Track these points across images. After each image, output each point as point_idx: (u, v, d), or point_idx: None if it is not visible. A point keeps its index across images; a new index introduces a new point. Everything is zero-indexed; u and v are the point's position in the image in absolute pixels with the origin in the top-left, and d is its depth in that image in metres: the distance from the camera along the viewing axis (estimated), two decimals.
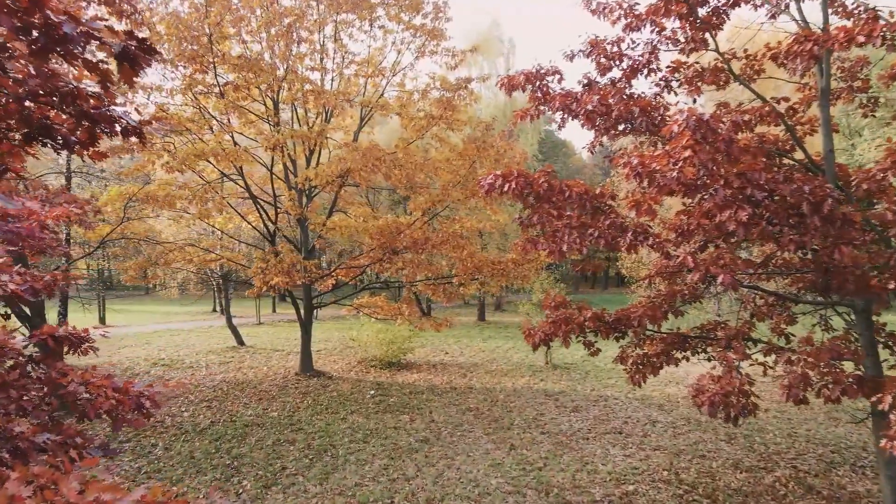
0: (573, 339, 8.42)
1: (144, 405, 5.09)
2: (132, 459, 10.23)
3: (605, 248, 7.28)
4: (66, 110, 3.51)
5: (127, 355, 20.20)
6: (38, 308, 12.64)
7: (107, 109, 3.60)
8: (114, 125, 3.68)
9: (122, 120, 3.69)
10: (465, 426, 12.38)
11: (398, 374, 17.55)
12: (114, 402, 4.93)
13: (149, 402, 5.13)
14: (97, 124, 3.53)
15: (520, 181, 7.36)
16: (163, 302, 41.49)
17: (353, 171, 13.33)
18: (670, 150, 5.56)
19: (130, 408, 5.03)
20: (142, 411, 5.09)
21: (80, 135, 3.98)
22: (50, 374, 4.97)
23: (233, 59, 12.80)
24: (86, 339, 5.55)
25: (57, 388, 4.91)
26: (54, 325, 5.26)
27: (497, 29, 31.51)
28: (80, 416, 4.85)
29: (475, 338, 25.26)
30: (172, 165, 12.18)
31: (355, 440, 11.36)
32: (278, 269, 13.55)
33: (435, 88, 16.09)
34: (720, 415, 6.94)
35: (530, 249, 7.60)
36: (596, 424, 12.51)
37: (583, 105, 7.39)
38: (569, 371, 17.99)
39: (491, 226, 18.29)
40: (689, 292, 8.79)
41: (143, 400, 5.11)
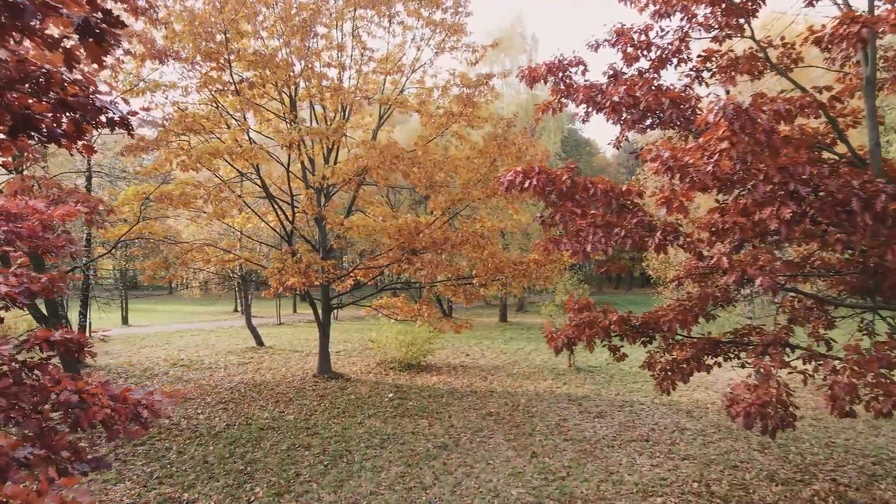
0: (598, 344, 8.02)
1: (142, 415, 4.81)
2: (144, 463, 10.04)
3: (632, 248, 6.87)
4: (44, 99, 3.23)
5: (147, 355, 20.18)
6: (54, 308, 12.56)
7: (87, 98, 3.31)
8: (98, 115, 3.40)
9: (107, 109, 3.40)
10: (485, 432, 12.00)
11: (417, 376, 17.23)
12: (109, 411, 4.66)
13: (147, 411, 4.86)
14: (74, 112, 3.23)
15: (541, 178, 6.98)
16: (186, 302, 41.77)
17: (370, 170, 13.03)
18: (704, 142, 5.14)
19: (127, 417, 4.76)
20: (139, 421, 4.82)
21: (67, 126, 3.71)
22: (42, 382, 4.71)
23: (248, 55, 12.58)
24: (83, 343, 5.30)
25: (48, 396, 4.66)
26: (74, 325, 5.08)
27: (520, 25, 31.04)
28: (73, 426, 4.59)
29: (496, 339, 24.84)
30: (187, 164, 12.00)
31: (372, 445, 11.05)
32: (295, 269, 13.31)
33: (455, 85, 15.75)
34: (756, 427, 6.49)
35: (553, 250, 7.21)
36: (621, 431, 12.04)
37: (608, 97, 6.98)
38: (593, 374, 17.50)
39: (512, 225, 17.88)
40: (721, 295, 8.32)
41: (141, 409, 4.84)
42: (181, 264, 15.62)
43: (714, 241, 6.38)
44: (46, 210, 6.28)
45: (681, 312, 7.34)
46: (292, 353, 21.04)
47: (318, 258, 14.78)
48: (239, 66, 13.02)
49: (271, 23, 13.51)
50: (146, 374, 17.03)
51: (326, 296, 16.77)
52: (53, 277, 5.44)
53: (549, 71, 7.74)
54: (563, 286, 20.20)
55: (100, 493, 8.81)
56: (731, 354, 8.54)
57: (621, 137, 9.05)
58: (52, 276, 5.47)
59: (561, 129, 34.03)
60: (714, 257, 5.87)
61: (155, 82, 12.77)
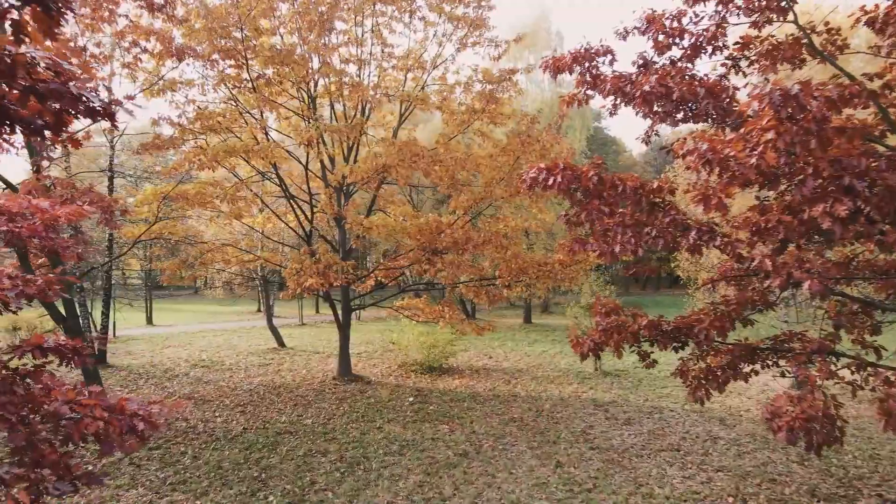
0: (626, 349, 7.58)
1: (137, 427, 4.51)
2: (159, 468, 9.83)
3: (664, 249, 6.42)
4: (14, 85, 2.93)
5: (169, 356, 20.15)
6: (73, 310, 12.46)
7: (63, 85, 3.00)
8: (75, 104, 3.09)
9: (85, 98, 3.09)
10: (507, 439, 11.58)
11: (439, 379, 16.86)
12: (102, 423, 4.37)
13: (143, 423, 4.56)
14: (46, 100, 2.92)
15: (566, 175, 6.56)
16: (210, 301, 42.03)
17: (389, 168, 12.70)
18: (747, 132, 4.67)
19: (122, 430, 4.46)
20: (135, 433, 4.52)
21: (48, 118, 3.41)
22: (32, 392, 4.43)
23: (265, 51, 12.32)
24: (80, 350, 5.03)
25: (40, 406, 4.39)
26: (97, 327, 4.79)
27: (545, 21, 30.50)
28: (64, 439, 4.30)
29: (520, 341, 24.35)
30: (204, 163, 11.81)
31: (390, 452, 10.72)
32: (313, 270, 13.03)
33: (477, 81, 15.34)
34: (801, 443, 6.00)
35: (578, 250, 6.80)
36: (650, 440, 11.52)
37: (638, 87, 6.51)
38: (620, 379, 16.95)
39: (537, 225, 17.39)
40: (759, 299, 7.78)
41: (137, 421, 4.54)
42: (200, 264, 15.49)
43: (755, 241, 5.88)
44: (51, 210, 6.05)
45: (717, 318, 6.85)
46: (313, 354, 20.83)
47: (338, 259, 14.49)
48: (256, 61, 12.78)
49: (288, 17, 13.24)
50: (167, 376, 16.94)
51: (347, 297, 16.50)
52: (49, 280, 5.19)
53: (575, 60, 7.30)
54: (588, 287, 19.64)
55: (112, 499, 8.60)
56: (769, 362, 8.03)
57: (651, 132, 8.57)
58: (48, 278, 5.21)
59: (587, 127, 33.35)
60: (756, 259, 5.39)
61: (172, 80, 12.58)
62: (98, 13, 11.84)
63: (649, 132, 8.62)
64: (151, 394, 14.74)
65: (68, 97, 2.99)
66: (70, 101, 3.03)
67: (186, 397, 14.42)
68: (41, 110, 3.32)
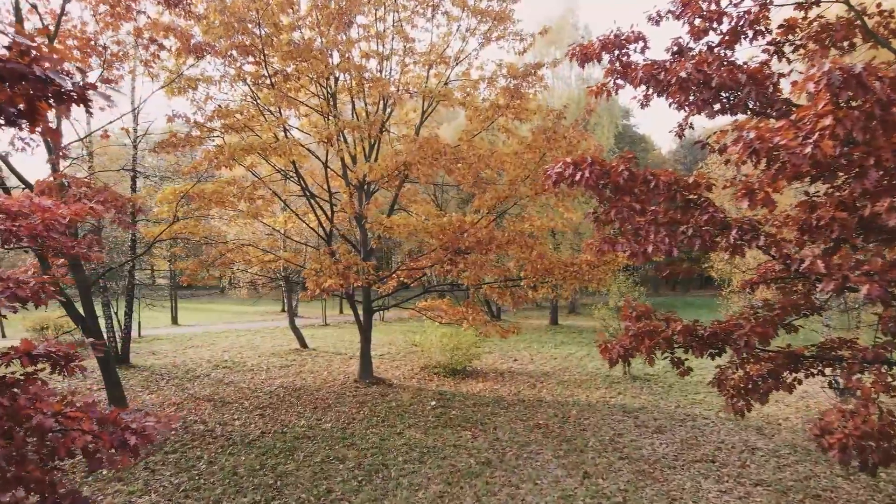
0: (658, 356, 7.09)
1: (129, 442, 4.19)
2: (173, 474, 9.60)
3: (701, 249, 5.92)
4: None
5: (191, 356, 20.08)
6: (91, 309, 12.35)
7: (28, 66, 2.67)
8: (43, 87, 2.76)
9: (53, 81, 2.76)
10: (532, 446, 11.12)
11: (462, 382, 16.45)
12: (90, 438, 4.06)
13: (135, 437, 4.23)
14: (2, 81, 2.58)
15: (594, 170, 6.13)
16: (236, 301, 42.18)
17: (410, 165, 12.32)
18: (799, 118, 4.17)
19: (112, 444, 4.15)
20: (125, 448, 4.20)
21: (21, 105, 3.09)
22: (19, 402, 4.13)
23: (283, 46, 12.04)
24: (72, 356, 4.74)
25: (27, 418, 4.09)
26: (121, 327, 4.49)
27: (572, 15, 29.83)
28: (49, 455, 4.00)
29: (546, 343, 23.79)
30: (221, 161, 11.58)
31: (410, 459, 10.34)
32: (332, 270, 12.72)
33: (502, 76, 14.87)
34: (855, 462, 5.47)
35: (607, 250, 6.34)
36: (683, 449, 10.96)
37: (673, 74, 6.02)
38: (650, 383, 16.33)
39: (563, 224, 16.85)
40: (804, 303, 7.22)
41: (129, 436, 4.21)
42: (220, 265, 15.31)
43: (803, 240, 5.36)
44: (54, 208, 5.80)
45: (759, 323, 6.31)
46: (335, 355, 20.58)
47: (359, 259, 14.18)
48: (274, 56, 12.51)
49: (307, 11, 12.95)
50: (188, 376, 16.81)
51: (368, 298, 16.18)
52: (42, 282, 4.91)
53: (604, 48, 6.83)
54: (617, 288, 19.04)
55: None
56: (813, 370, 7.47)
57: (685, 124, 8.07)
58: (41, 279, 4.94)
59: (615, 124, 32.59)
60: (805, 260, 4.88)
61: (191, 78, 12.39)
62: (116, 9, 11.71)
63: (683, 125, 8.12)
64: (172, 395, 14.60)
65: (31, 79, 2.67)
66: (35, 84, 2.71)
67: (206, 399, 14.24)
68: (12, 97, 3.00)
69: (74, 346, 4.74)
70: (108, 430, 4.19)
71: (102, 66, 12.45)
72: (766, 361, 7.32)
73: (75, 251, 6.52)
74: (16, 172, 11.00)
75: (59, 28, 11.96)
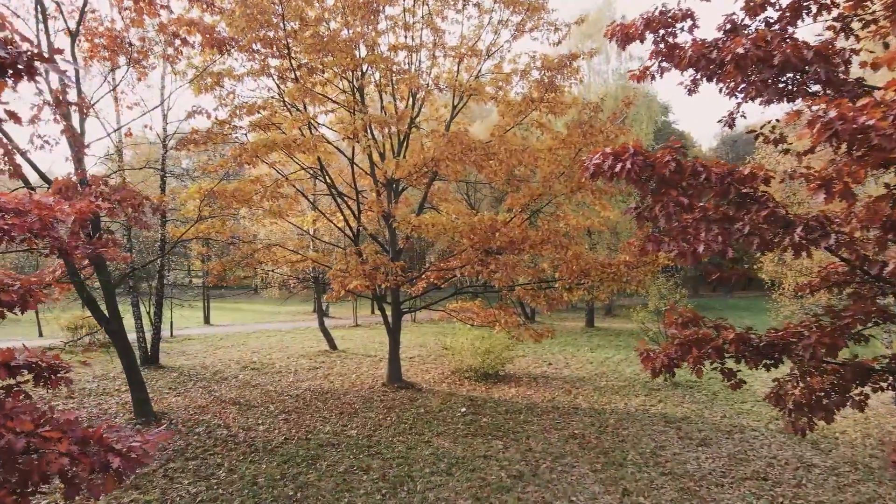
0: (706, 367, 6.43)
1: (111, 464, 3.73)
2: (192, 482, 9.25)
3: (759, 249, 5.26)
4: None
5: (221, 357, 19.94)
6: (115, 310, 12.15)
7: None
8: None
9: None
10: (567, 458, 10.47)
11: (494, 387, 15.84)
12: (68, 460, 3.62)
13: (119, 459, 3.77)
14: None
15: (637, 161, 5.52)
16: (268, 301, 42.26)
17: (438, 161, 11.79)
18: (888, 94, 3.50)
19: (92, 468, 3.70)
20: (108, 471, 3.75)
21: None
22: None
23: (306, 38, 11.62)
24: (59, 367, 4.33)
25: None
26: (153, 326, 4.13)
27: (609, 8, 28.89)
28: (20, 481, 3.57)
29: (582, 347, 22.98)
30: (243, 158, 11.24)
31: (438, 471, 9.79)
32: (358, 271, 12.27)
33: (535, 68, 14.22)
34: None
35: (652, 249, 5.70)
36: (732, 465, 10.17)
37: (728, 51, 5.34)
38: (692, 390, 15.47)
39: (599, 223, 16.11)
40: (875, 310, 6.44)
41: (112, 457, 3.76)
42: (246, 265, 15.03)
43: (886, 240, 4.64)
44: (56, 206, 5.44)
45: (827, 333, 5.60)
46: (364, 357, 20.20)
47: (387, 259, 13.71)
48: (298, 48, 12.11)
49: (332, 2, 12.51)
50: (216, 378, 16.61)
51: (397, 299, 15.70)
52: (29, 285, 4.52)
53: (648, 26, 6.18)
54: (657, 290, 18.18)
55: None
56: (882, 384, 6.72)
57: (736, 112, 7.38)
58: (28, 281, 4.55)
59: (654, 120, 31.48)
60: (890, 264, 4.18)
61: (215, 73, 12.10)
62: (139, 4, 11.47)
63: (733, 113, 7.44)
64: (198, 397, 14.36)
65: None
66: None
67: (232, 402, 13.96)
68: None
69: (59, 357, 4.31)
70: (89, 451, 3.74)
71: (128, 63, 12.26)
72: (830, 374, 6.58)
73: (81, 251, 6.16)
74: (37, 169, 10.84)
75: (83, 24, 11.81)
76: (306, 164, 14.33)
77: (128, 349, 12.33)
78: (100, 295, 12.59)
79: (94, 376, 16.42)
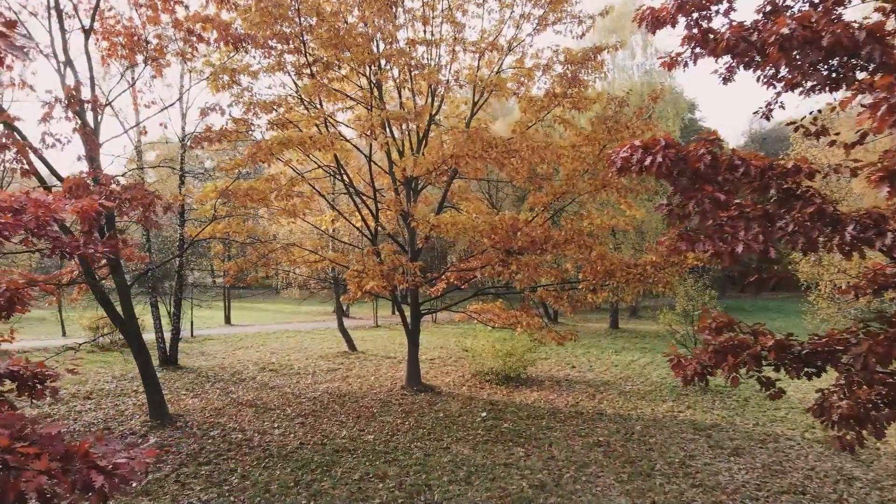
0: (743, 375, 5.98)
1: (94, 483, 3.43)
2: (203, 489, 9.00)
3: (804, 249, 4.83)
4: None
5: (240, 358, 19.82)
6: (130, 311, 12.00)
7: None
8: None
9: None
10: (592, 467, 10.03)
11: (516, 391, 15.42)
12: (45, 479, 3.32)
13: (103, 478, 3.47)
14: None
15: (669, 153, 5.16)
16: (289, 301, 42.22)
17: (457, 158, 11.42)
18: None
19: (73, 487, 3.40)
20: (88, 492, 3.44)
21: None
22: None
23: (323, 34, 11.33)
24: (45, 375, 4.05)
25: None
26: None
27: (633, 2, 28.19)
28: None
29: (606, 349, 22.41)
30: (258, 156, 11.00)
31: (456, 479, 9.42)
32: (376, 272, 11.95)
33: (558, 62, 13.78)
34: None
35: (685, 249, 5.29)
36: (766, 477, 9.63)
37: (771, 33, 4.88)
38: (722, 396, 14.88)
39: (625, 222, 15.58)
40: None
41: (95, 475, 3.45)
42: (262, 265, 14.82)
43: None
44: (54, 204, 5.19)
45: (880, 342, 5.12)
46: (384, 359, 19.91)
47: (405, 260, 13.38)
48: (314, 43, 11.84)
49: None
50: (234, 379, 16.45)
51: (416, 301, 15.36)
52: (16, 289, 4.26)
53: (680, 9, 5.76)
54: (684, 291, 17.57)
55: None
56: None
57: (774, 102, 6.90)
58: (14, 284, 4.28)
59: (680, 117, 30.68)
60: None
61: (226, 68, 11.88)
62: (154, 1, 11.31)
63: (771, 104, 6.95)
64: (214, 399, 14.19)
65: None
66: None
67: (248, 404, 13.75)
68: None
69: (44, 364, 4.03)
70: (71, 467, 3.45)
71: (146, 61, 12.10)
72: (880, 383, 6.07)
73: (82, 251, 5.91)
74: (50, 168, 10.72)
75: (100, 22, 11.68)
76: (323, 163, 14.07)
77: (143, 350, 12.18)
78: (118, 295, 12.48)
79: (112, 377, 16.37)
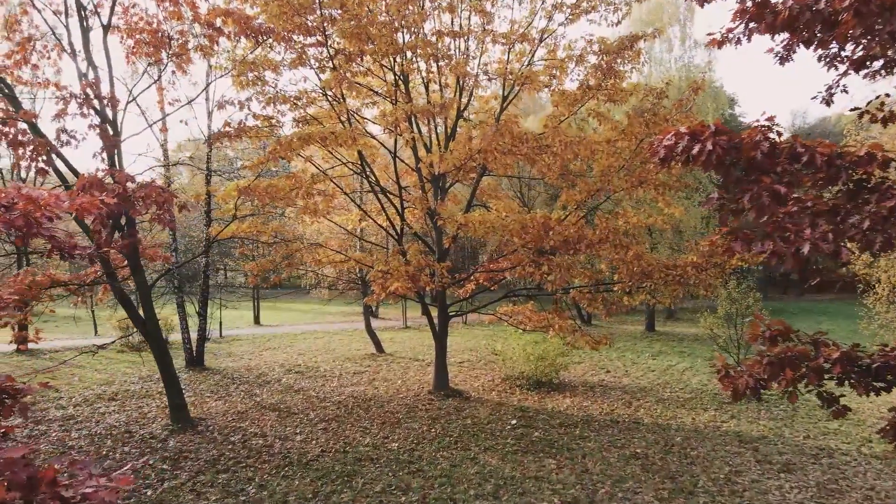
0: (801, 391, 5.33)
1: None
2: (219, 499, 8.63)
3: (882, 248, 4.20)
4: None
5: (266, 359, 19.59)
6: (152, 311, 11.76)
7: None
8: None
9: None
10: (629, 482, 9.36)
11: (547, 397, 14.78)
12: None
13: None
14: None
15: (720, 141, 4.58)
16: (319, 301, 42.12)
17: (486, 153, 10.87)
18: None
19: None
20: None
21: None
22: None
23: (346, 26, 10.88)
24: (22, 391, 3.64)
25: None
26: None
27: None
28: None
29: (642, 353, 21.55)
30: (277, 152, 10.64)
31: (483, 494, 8.86)
32: (401, 272, 11.48)
33: (592, 52, 13.11)
34: None
35: (740, 249, 4.68)
36: (822, 497, 8.84)
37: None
38: (769, 405, 13.98)
39: (662, 221, 14.81)
40: None
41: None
42: (286, 266, 14.49)
43: None
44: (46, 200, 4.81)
45: None
46: (412, 361, 19.45)
47: (432, 260, 12.87)
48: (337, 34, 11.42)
49: None
50: (259, 381, 16.18)
51: (443, 302, 14.84)
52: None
53: None
54: (726, 293, 16.68)
55: None
56: None
57: (836, 85, 6.24)
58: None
59: (720, 112, 29.54)
60: None
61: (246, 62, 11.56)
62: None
63: (833, 87, 6.29)
64: (238, 402, 13.91)
65: None
66: None
67: (272, 408, 13.43)
68: None
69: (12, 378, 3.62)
70: (32, 499, 3.02)
71: (169, 58, 11.87)
72: None
73: (79, 251, 5.55)
74: (68, 164, 10.53)
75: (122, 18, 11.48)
76: (348, 160, 13.67)
77: (164, 352, 11.93)
78: None
79: (139, 377, 16.27)
